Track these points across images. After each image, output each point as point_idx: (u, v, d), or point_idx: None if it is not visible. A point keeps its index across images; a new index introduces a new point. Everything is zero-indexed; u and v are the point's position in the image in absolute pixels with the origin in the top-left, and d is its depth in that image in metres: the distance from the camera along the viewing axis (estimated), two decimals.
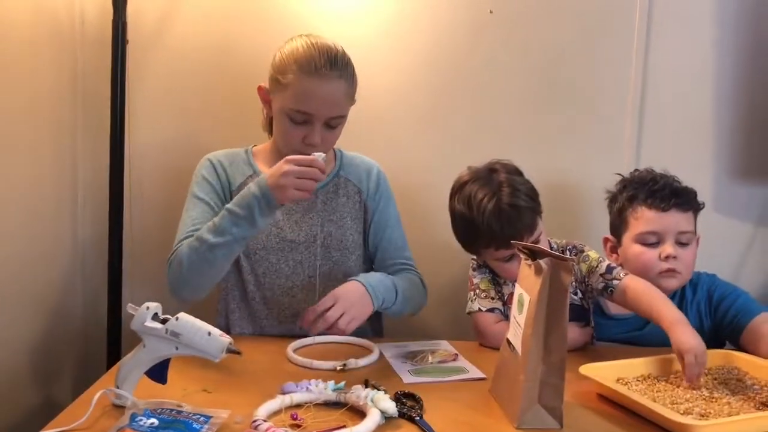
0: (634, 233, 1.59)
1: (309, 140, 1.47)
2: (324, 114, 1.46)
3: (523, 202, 1.45)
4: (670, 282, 1.56)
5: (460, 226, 1.51)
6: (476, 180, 1.49)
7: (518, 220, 1.43)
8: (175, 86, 1.87)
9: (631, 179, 1.65)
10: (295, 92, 1.45)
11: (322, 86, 1.44)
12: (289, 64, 1.46)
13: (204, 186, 1.54)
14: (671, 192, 1.57)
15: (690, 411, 1.12)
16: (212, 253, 1.38)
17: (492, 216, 1.43)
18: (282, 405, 1.09)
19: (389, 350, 1.44)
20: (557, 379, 1.07)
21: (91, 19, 1.83)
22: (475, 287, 1.56)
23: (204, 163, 1.58)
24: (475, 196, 1.46)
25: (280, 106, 1.48)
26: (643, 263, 1.57)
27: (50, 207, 1.75)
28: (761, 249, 1.92)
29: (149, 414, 1.01)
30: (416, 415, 1.09)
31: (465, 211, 1.47)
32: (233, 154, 1.61)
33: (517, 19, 1.88)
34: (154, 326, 1.08)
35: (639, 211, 1.58)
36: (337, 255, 1.58)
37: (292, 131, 1.48)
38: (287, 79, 1.45)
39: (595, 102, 1.91)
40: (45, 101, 1.71)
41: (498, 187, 1.46)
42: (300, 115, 1.46)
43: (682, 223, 1.57)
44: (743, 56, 1.90)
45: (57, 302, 1.79)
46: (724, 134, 1.91)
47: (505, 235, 1.42)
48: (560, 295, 1.07)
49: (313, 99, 1.44)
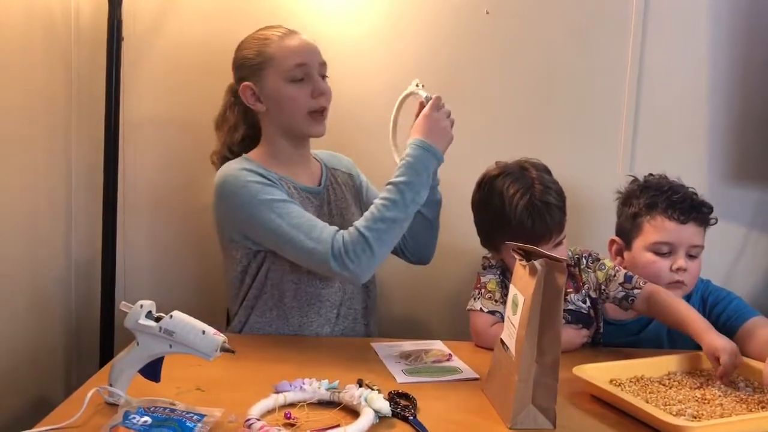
0: (648, 241, 1.58)
1: (318, 90, 1.52)
2: (315, 60, 1.54)
3: (554, 200, 1.46)
4: (675, 293, 1.56)
5: (487, 218, 1.51)
6: (507, 175, 1.49)
7: (550, 217, 1.44)
8: (170, 84, 1.87)
9: (648, 185, 1.64)
10: (284, 53, 1.52)
11: (300, 38, 1.55)
12: (261, 43, 1.54)
13: (267, 186, 1.46)
14: (691, 205, 1.57)
15: (683, 412, 1.13)
16: (402, 229, 1.43)
17: (524, 210, 1.43)
18: (276, 404, 1.09)
19: (383, 350, 1.44)
20: (551, 380, 1.07)
21: (86, 16, 1.83)
22: (481, 286, 1.54)
23: (244, 171, 1.48)
24: (507, 190, 1.46)
25: (275, 77, 1.52)
26: (654, 272, 1.57)
27: (44, 205, 1.74)
28: (753, 252, 1.93)
29: (142, 412, 1.01)
30: (410, 414, 1.09)
31: (496, 203, 1.47)
32: (247, 163, 1.54)
33: (513, 20, 1.88)
34: (148, 324, 1.07)
35: (657, 219, 1.58)
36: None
37: (298, 93, 1.52)
38: (270, 51, 1.52)
39: (590, 104, 1.92)
40: (39, 99, 1.70)
41: (530, 183, 1.46)
42: (299, 70, 1.51)
43: (696, 237, 1.58)
44: (738, 59, 1.90)
45: (50, 299, 1.78)
46: (718, 137, 1.92)
47: (535, 231, 1.43)
48: (554, 296, 1.07)
49: (301, 49, 1.53)
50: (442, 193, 1.63)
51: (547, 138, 1.90)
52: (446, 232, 1.70)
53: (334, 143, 1.70)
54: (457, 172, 1.79)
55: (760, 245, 1.93)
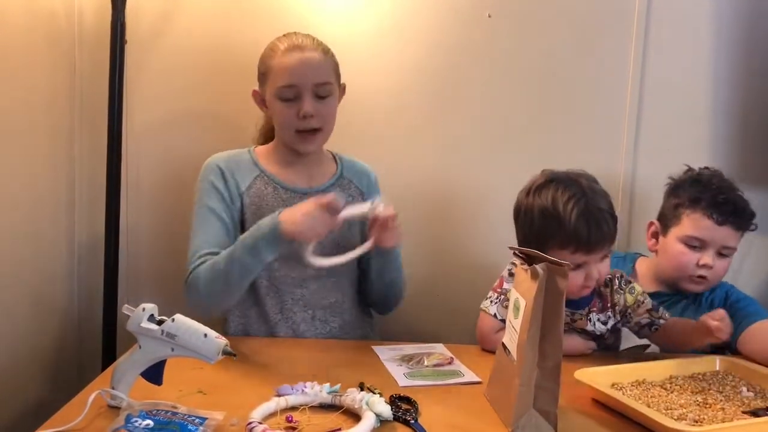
0: (683, 233, 1.62)
1: (303, 111, 1.50)
2: (309, 80, 1.50)
3: (607, 208, 1.42)
4: (697, 287, 1.63)
5: (538, 221, 1.42)
6: (559, 181, 1.43)
7: (606, 226, 1.40)
8: (173, 86, 1.87)
9: (699, 178, 1.66)
10: (278, 70, 1.51)
11: (299, 55, 1.51)
12: (268, 53, 1.54)
13: (213, 194, 1.53)
14: (733, 210, 1.59)
15: (684, 417, 1.12)
16: (229, 284, 1.43)
17: (581, 217, 1.38)
18: (277, 407, 1.09)
19: (385, 353, 1.44)
20: (552, 384, 1.07)
21: (89, 18, 1.83)
22: (501, 292, 1.51)
23: (211, 167, 1.57)
24: (562, 195, 1.40)
25: (270, 91, 1.53)
26: (681, 263, 1.62)
27: (47, 207, 1.75)
28: (757, 255, 1.93)
29: (144, 415, 1.01)
30: (411, 418, 1.09)
31: (549, 207, 1.40)
32: (237, 156, 1.60)
33: (515, 23, 1.88)
34: (150, 327, 1.08)
35: (696, 215, 1.60)
36: (344, 252, 1.57)
37: (285, 111, 1.52)
38: (271, 64, 1.52)
39: (592, 107, 1.91)
40: (42, 100, 1.71)
41: (584, 191, 1.41)
42: (288, 90, 1.50)
43: (729, 239, 1.60)
44: (740, 61, 1.90)
45: (52, 303, 1.79)
46: (721, 140, 1.92)
47: (590, 238, 1.38)
48: (556, 300, 1.07)
49: (295, 69, 1.50)
50: (445, 195, 1.62)
51: (548, 141, 1.90)
52: (450, 234, 1.70)
53: (334, 143, 1.69)
54: (456, 173, 1.80)
55: (763, 249, 1.93)
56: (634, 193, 1.93)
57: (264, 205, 1.55)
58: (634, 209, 1.94)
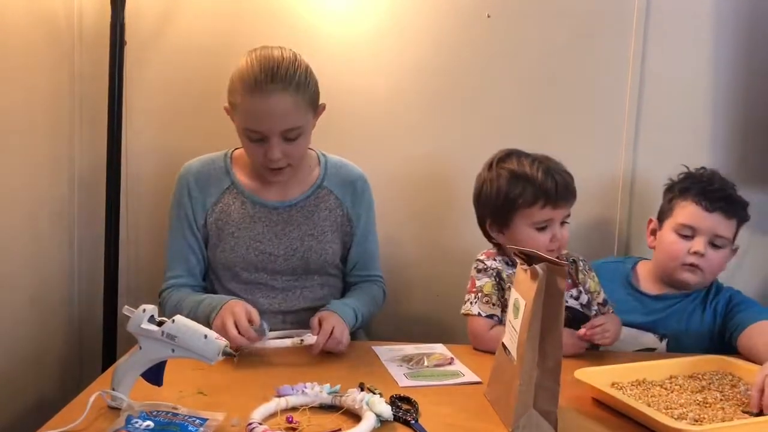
0: (675, 222, 1.64)
1: (269, 156, 1.46)
2: (275, 129, 1.43)
3: (566, 171, 1.53)
4: (690, 276, 1.62)
5: (506, 185, 1.50)
6: (519, 153, 1.55)
7: (569, 183, 1.51)
8: (172, 87, 1.87)
9: (692, 174, 1.69)
10: (243, 112, 1.45)
11: (264, 102, 1.41)
12: (235, 84, 1.46)
13: (179, 211, 1.58)
14: (722, 197, 1.61)
15: (684, 416, 1.13)
16: None
17: (547, 174, 1.48)
18: (278, 408, 1.09)
19: (385, 353, 1.44)
20: (552, 384, 1.08)
21: (88, 20, 1.83)
22: (477, 290, 1.54)
23: (181, 183, 1.58)
24: (526, 159, 1.52)
25: (237, 125, 1.49)
26: (672, 252, 1.63)
27: (47, 208, 1.75)
28: (756, 255, 1.93)
29: (145, 416, 1.02)
30: (411, 418, 1.09)
31: (517, 170, 1.50)
32: (211, 163, 1.59)
33: (514, 23, 1.88)
34: (151, 328, 1.08)
35: (686, 203, 1.63)
36: (316, 267, 1.59)
37: (253, 150, 1.49)
38: (236, 100, 1.45)
39: (591, 107, 1.91)
40: (42, 101, 1.71)
41: (544, 158, 1.53)
42: (254, 134, 1.45)
43: (720, 227, 1.60)
44: (740, 60, 1.90)
45: (52, 303, 1.79)
46: (721, 139, 1.92)
47: (558, 192, 1.47)
48: (556, 300, 1.07)
49: (259, 116, 1.43)
50: (444, 195, 1.62)
51: (548, 140, 1.89)
52: (449, 235, 1.70)
53: (335, 143, 1.70)
54: (456, 173, 1.80)
55: (762, 248, 1.93)
56: (634, 192, 1.93)
57: (230, 221, 1.55)
58: (633, 207, 1.94)
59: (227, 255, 1.55)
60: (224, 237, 1.55)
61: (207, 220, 1.56)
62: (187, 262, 1.57)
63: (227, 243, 1.55)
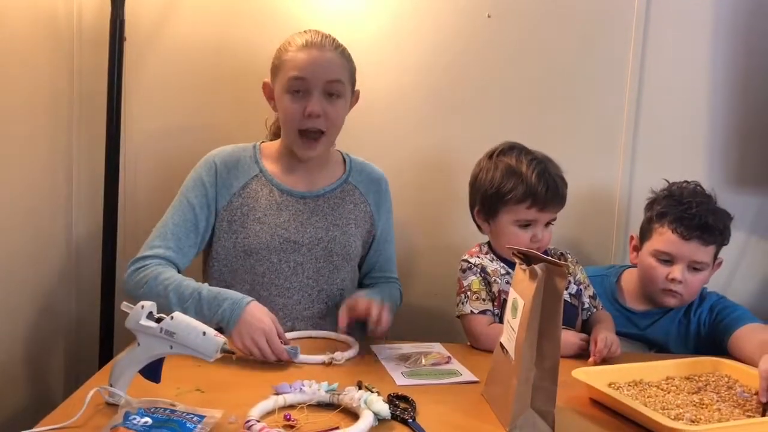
0: (653, 247, 1.63)
1: (309, 110, 1.48)
2: (320, 76, 1.48)
3: (561, 176, 1.56)
4: (669, 301, 1.63)
5: (500, 178, 1.53)
6: (521, 149, 1.57)
7: (560, 189, 1.53)
8: (172, 84, 1.87)
9: (672, 193, 1.66)
10: (291, 62, 1.49)
11: (316, 52, 1.49)
12: (285, 46, 1.52)
13: (198, 189, 1.54)
14: (699, 225, 1.58)
15: (681, 416, 1.13)
16: (158, 304, 1.23)
17: (540, 176, 1.50)
18: (275, 405, 1.09)
19: (383, 352, 1.44)
20: (550, 384, 1.08)
21: (88, 16, 1.83)
22: (465, 290, 1.55)
23: (208, 163, 1.56)
24: (525, 157, 1.54)
25: (280, 84, 1.51)
26: (651, 276, 1.63)
27: (45, 205, 1.75)
28: (752, 257, 1.93)
29: (143, 413, 1.01)
30: (409, 417, 1.09)
31: (513, 165, 1.53)
32: (239, 152, 1.59)
33: (514, 23, 1.89)
34: (149, 325, 1.08)
35: (663, 229, 1.61)
36: (339, 260, 1.58)
37: (292, 106, 1.50)
38: (286, 57, 1.50)
39: (590, 108, 1.92)
40: (42, 98, 1.70)
41: (542, 159, 1.55)
42: (297, 83, 1.48)
43: (698, 254, 1.60)
44: (739, 63, 1.91)
45: (50, 299, 1.79)
46: (719, 142, 1.93)
47: (546, 197, 1.50)
48: (554, 301, 1.07)
49: (307, 64, 1.48)
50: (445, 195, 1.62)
51: (547, 142, 1.89)
52: (448, 235, 1.70)
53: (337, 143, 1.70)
54: (456, 174, 1.80)
55: (760, 250, 1.94)
56: (632, 193, 1.94)
57: (257, 207, 1.54)
58: (632, 209, 1.94)
59: (250, 241, 1.52)
60: (249, 223, 1.53)
61: (231, 203, 1.54)
62: (183, 239, 1.51)
63: (251, 229, 1.53)
